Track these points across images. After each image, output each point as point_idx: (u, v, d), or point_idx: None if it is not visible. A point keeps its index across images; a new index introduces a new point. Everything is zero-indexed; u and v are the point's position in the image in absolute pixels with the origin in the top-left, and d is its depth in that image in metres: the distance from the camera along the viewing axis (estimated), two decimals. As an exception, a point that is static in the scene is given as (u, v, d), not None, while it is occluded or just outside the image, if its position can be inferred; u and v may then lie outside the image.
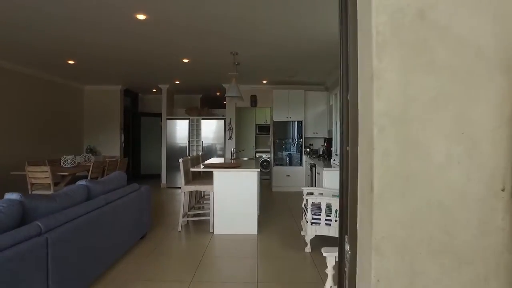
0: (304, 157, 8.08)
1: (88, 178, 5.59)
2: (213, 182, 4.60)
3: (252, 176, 4.55)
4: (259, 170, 4.54)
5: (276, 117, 8.09)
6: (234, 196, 4.55)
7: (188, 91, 9.89)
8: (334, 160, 5.61)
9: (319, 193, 4.55)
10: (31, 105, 6.81)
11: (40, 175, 5.01)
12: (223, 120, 8.64)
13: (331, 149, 6.22)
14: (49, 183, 5.06)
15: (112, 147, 8.78)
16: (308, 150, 8.16)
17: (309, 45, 4.98)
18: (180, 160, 4.65)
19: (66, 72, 7.04)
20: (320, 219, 3.89)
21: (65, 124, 8.01)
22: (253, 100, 8.63)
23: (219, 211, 4.57)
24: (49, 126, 7.44)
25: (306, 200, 4.20)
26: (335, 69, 6.69)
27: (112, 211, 3.29)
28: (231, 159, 6.49)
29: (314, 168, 5.66)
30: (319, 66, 6.48)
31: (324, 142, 6.58)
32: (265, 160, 10.29)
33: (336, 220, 3.85)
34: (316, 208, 4.00)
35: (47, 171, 4.98)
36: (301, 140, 8.11)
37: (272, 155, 8.16)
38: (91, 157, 6.78)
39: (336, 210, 3.86)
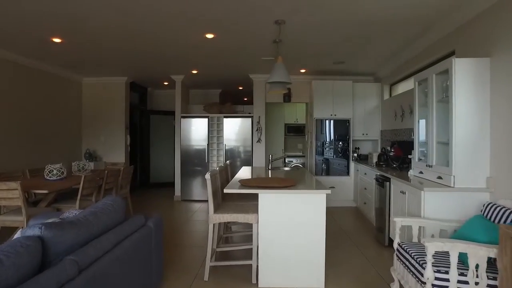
0: (352, 164, 6.48)
1: (78, 197, 4.09)
2: (258, 209, 3.05)
3: (318, 201, 2.98)
4: (328, 192, 2.96)
5: (317, 115, 6.50)
6: (289, 231, 2.99)
7: (206, 85, 8.36)
8: (413, 171, 4.00)
9: (419, 226, 2.97)
10: (13, 99, 5.36)
11: (7, 194, 3.52)
12: (249, 119, 7.09)
13: (405, 156, 4.60)
14: (20, 205, 3.56)
15: (115, 151, 7.30)
16: (355, 155, 6.56)
17: (389, 10, 3.40)
18: (208, 177, 3.10)
19: (56, 57, 5.56)
20: (448, 280, 2.31)
21: (58, 123, 6.55)
22: (286, 94, 7.06)
23: (267, 252, 3.02)
24: (39, 126, 5.98)
25: (413, 246, 2.61)
26: (402, 51, 5.08)
27: (95, 280, 1.76)
28: (267, 168, 4.93)
29: (388, 183, 4.07)
30: (383, 46, 4.88)
31: (391, 146, 4.99)
32: (296, 166, 8.70)
33: (477, 284, 2.28)
34: (440, 259, 2.42)
35: (16, 189, 3.48)
36: (347, 143, 6.50)
37: (313, 162, 6.57)
38: (88, 164, 5.29)
39: (477, 265, 2.28)
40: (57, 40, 4.48)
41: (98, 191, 4.70)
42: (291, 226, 3.00)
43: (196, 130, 7.11)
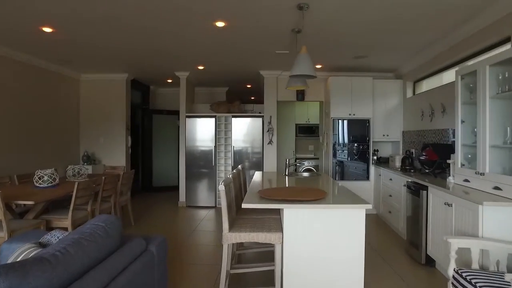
0: (372, 168, 5.94)
1: (71, 208, 3.58)
2: (282, 225, 2.54)
3: (356, 217, 2.45)
4: (369, 206, 2.43)
5: (335, 114, 5.96)
6: (321, 253, 2.46)
7: (212, 83, 7.85)
8: (453, 179, 3.46)
9: (480, 249, 2.44)
10: (2, 96, 4.86)
11: (-14, 206, 3.01)
12: (260, 119, 6.56)
13: (441, 161, 4.04)
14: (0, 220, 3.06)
15: (115, 153, 6.80)
16: (374, 158, 6.02)
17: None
18: (222, 188, 2.58)
19: (50, 51, 5.06)
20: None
21: (54, 123, 6.06)
22: (300, 92, 6.54)
23: (293, 278, 2.49)
24: (32, 126, 5.49)
25: (479, 276, 2.09)
26: (436, 42, 4.54)
27: None
28: (284, 174, 4.40)
29: (424, 192, 3.54)
30: (415, 37, 4.34)
31: (422, 149, 4.43)
32: (308, 169, 8.17)
33: None
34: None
35: (-4, 201, 2.98)
36: (367, 145, 5.96)
37: (329, 165, 6.03)
38: (84, 169, 4.78)
39: None
40: (47, 29, 3.97)
41: (95, 199, 4.20)
42: (323, 247, 2.47)
43: (202, 130, 6.60)
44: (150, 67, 6.21)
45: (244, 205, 2.44)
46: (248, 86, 8.28)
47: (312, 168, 8.18)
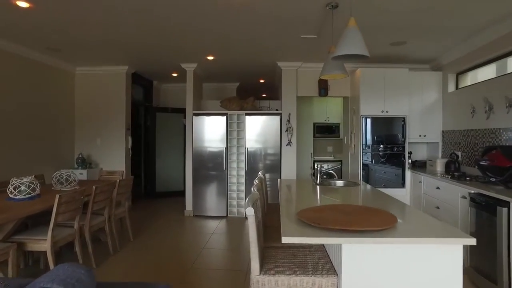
0: (408, 174, 5.13)
1: (50, 227, 2.84)
2: (333, 264, 1.75)
3: (449, 256, 1.66)
4: (473, 242, 1.64)
5: (365, 111, 5.16)
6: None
7: (221, 77, 7.08)
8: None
9: None
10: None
11: None
12: (277, 117, 5.77)
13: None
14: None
15: (114, 156, 6.06)
16: (409, 162, 5.21)
17: None
18: (250, 212, 1.81)
19: (31, 36, 4.32)
20: None
21: (46, 122, 5.32)
22: (323, 87, 5.74)
23: None
24: (20, 125, 4.76)
25: None
26: (494, 25, 3.72)
27: None
28: (315, 182, 3.61)
29: (505, 209, 2.73)
30: (472, 19, 3.53)
31: (485, 153, 3.58)
32: (327, 173, 7.36)
33: None
34: None
35: None
36: (402, 147, 5.15)
37: (358, 168, 5.22)
38: (73, 175, 4.03)
39: None
40: (22, 4, 3.21)
41: (85, 212, 3.45)
42: (397, 300, 1.68)
43: (212, 130, 5.82)
44: (153, 58, 5.45)
45: (286, 240, 1.65)
46: (262, 81, 7.50)
47: (333, 173, 7.37)
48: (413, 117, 5.25)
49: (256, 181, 2.98)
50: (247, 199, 2.01)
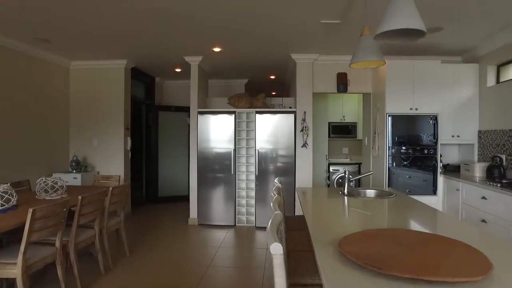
0: (441, 179, 4.53)
1: (22, 249, 2.31)
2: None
3: None
4: None
5: (391, 109, 4.57)
6: None
7: (229, 73, 6.54)
8: None
9: None
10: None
11: None
12: (291, 116, 5.19)
13: None
14: None
15: (112, 158, 5.54)
16: (441, 165, 4.61)
17: None
18: (278, 250, 1.23)
19: (13, 23, 3.80)
20: None
21: (37, 121, 4.81)
22: (342, 82, 5.16)
23: None
24: (9, 125, 4.25)
25: None
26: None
27: None
28: (342, 192, 3.03)
29: None
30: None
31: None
32: (342, 177, 6.77)
33: None
34: None
35: None
36: (433, 149, 4.55)
37: (384, 173, 4.62)
38: (61, 181, 3.50)
39: None
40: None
41: (73, 225, 2.91)
42: None
43: (218, 129, 5.27)
44: (154, 50, 4.92)
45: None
46: (272, 77, 6.94)
47: (350, 176, 6.78)
48: (445, 115, 4.64)
49: (274, 192, 2.42)
50: (269, 224, 1.45)
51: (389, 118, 4.57)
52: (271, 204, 2.04)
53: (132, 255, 3.88)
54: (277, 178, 3.15)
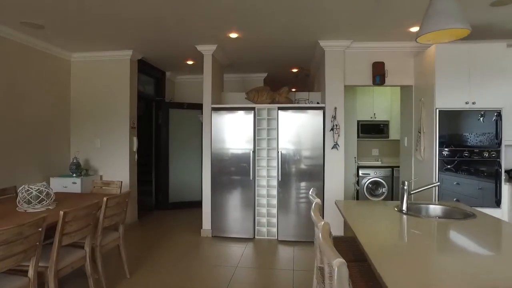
0: (506, 188, 3.75)
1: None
2: None
3: None
4: None
5: (442, 103, 3.80)
6: None
7: (246, 66, 5.88)
8: None
9: None
10: None
11: None
12: (319, 112, 4.47)
13: None
14: None
15: (116, 160, 4.95)
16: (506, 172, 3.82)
17: None
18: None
19: (7, 8, 3.23)
20: None
21: (35, 120, 4.26)
22: (379, 73, 4.42)
23: None
24: (3, 124, 3.73)
25: None
26: None
27: None
28: (399, 210, 2.31)
29: None
30: None
31: None
32: (374, 182, 6.04)
33: None
34: None
35: None
36: (495, 152, 3.76)
37: (433, 178, 3.86)
38: (48, 190, 2.90)
39: None
40: None
41: (53, 248, 2.30)
42: None
43: (235, 128, 4.60)
44: (162, 39, 4.30)
45: None
46: (294, 70, 6.24)
47: (381, 181, 6.04)
48: (510, 111, 3.84)
49: (314, 213, 1.72)
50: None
51: (439, 114, 3.80)
52: (319, 235, 1.35)
53: (133, 277, 3.25)
54: (312, 190, 2.46)
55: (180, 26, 3.87)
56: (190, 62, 5.58)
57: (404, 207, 2.23)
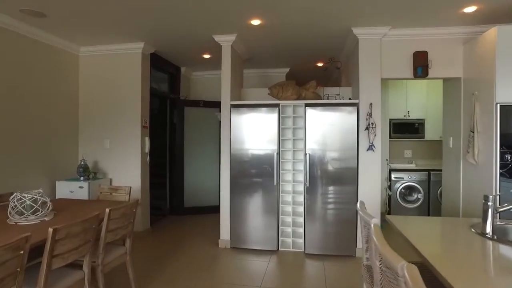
0: None
1: None
2: None
3: None
4: None
5: (504, 97, 3.21)
6: None
7: (267, 60, 5.40)
8: None
9: None
10: None
11: None
12: (352, 109, 3.94)
13: None
14: None
15: (126, 163, 4.55)
16: None
17: None
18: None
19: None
20: None
21: (41, 119, 3.90)
22: (421, 64, 3.86)
23: None
24: (6, 124, 3.37)
25: None
26: None
27: None
28: (482, 233, 1.77)
29: None
30: None
31: None
32: (408, 187, 5.46)
33: None
34: None
35: None
36: None
37: (493, 190, 3.27)
38: (44, 199, 2.49)
39: None
40: None
41: (40, 272, 1.88)
42: None
43: (257, 127, 4.12)
44: (176, 28, 3.86)
45: None
46: (319, 64, 5.71)
47: (417, 186, 5.44)
48: None
49: (382, 244, 1.22)
50: None
51: (500, 110, 3.22)
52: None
53: (141, 299, 2.81)
54: (359, 203, 1.95)
55: (196, 12, 3.42)
56: (206, 56, 5.14)
57: (489, 230, 1.69)
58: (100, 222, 2.37)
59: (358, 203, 1.99)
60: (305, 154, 3.98)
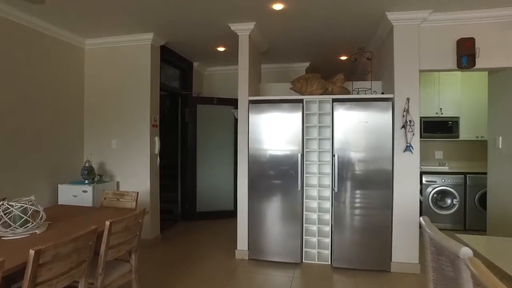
0: None
1: None
2: None
3: None
4: None
5: None
6: None
7: (287, 53, 4.97)
8: None
9: None
10: None
11: None
12: (386, 105, 3.47)
13: None
14: None
15: (135, 165, 4.18)
16: None
17: None
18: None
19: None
20: None
21: (44, 117, 3.56)
22: (467, 53, 3.37)
23: None
24: (6, 123, 3.04)
25: None
26: None
27: None
28: None
29: None
30: None
31: None
32: (441, 191, 4.96)
33: None
34: None
35: None
36: None
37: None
38: (36, 208, 2.13)
39: None
40: None
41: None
42: None
43: (278, 125, 3.70)
44: (190, 14, 3.47)
45: None
46: (343, 57, 5.25)
47: (451, 190, 4.93)
48: None
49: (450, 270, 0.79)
50: None
51: None
52: None
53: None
54: (423, 219, 1.51)
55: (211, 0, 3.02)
56: (221, 49, 4.74)
57: None
58: (100, 236, 1.99)
59: (422, 218, 1.55)
60: (333, 155, 3.54)
